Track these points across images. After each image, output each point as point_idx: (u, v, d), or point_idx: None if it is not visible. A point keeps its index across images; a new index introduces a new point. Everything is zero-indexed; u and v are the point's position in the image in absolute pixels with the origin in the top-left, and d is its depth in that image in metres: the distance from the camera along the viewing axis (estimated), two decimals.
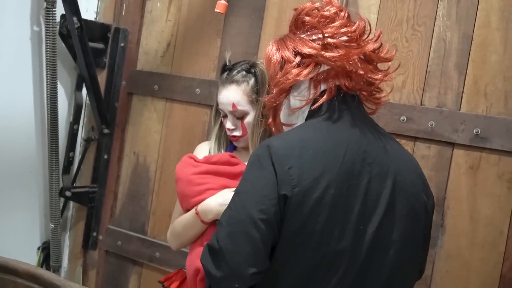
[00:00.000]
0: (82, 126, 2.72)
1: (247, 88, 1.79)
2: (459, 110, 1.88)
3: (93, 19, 2.69)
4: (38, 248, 2.67)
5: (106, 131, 2.57)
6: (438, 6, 1.93)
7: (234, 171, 1.77)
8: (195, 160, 1.81)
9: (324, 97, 1.39)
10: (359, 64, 1.38)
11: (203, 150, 1.92)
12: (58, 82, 2.52)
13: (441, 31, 1.92)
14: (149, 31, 2.61)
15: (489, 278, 1.80)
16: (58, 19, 2.46)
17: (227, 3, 1.91)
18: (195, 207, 1.72)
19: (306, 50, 1.38)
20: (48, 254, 2.65)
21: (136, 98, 2.65)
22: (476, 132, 1.83)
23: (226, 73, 1.84)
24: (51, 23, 2.41)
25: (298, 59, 1.39)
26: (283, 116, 1.49)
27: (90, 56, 2.50)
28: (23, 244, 2.64)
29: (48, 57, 2.44)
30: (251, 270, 1.26)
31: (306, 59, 1.39)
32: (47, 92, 2.47)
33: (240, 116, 1.79)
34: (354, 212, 1.30)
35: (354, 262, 1.31)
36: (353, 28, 1.41)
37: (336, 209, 1.28)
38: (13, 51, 2.47)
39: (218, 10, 1.86)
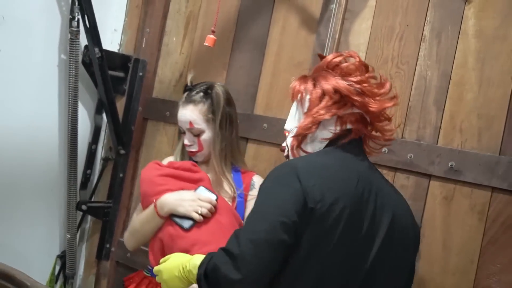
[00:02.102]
0: (102, 147, 2.78)
1: (203, 108, 1.83)
2: (436, 144, 1.88)
3: (116, 50, 2.76)
4: (57, 256, 2.71)
5: (122, 151, 2.63)
6: (420, 46, 1.95)
7: (194, 177, 1.81)
8: (159, 165, 1.85)
9: (352, 135, 1.50)
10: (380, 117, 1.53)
11: (166, 161, 1.96)
12: (80, 105, 2.58)
13: (422, 70, 1.94)
14: (164, 62, 2.67)
15: None
16: (82, 49, 2.53)
17: (215, 38, 1.95)
18: (154, 201, 1.75)
19: (346, 91, 1.46)
20: (64, 263, 2.69)
21: (150, 123, 2.70)
22: (450, 165, 1.83)
23: (186, 93, 1.88)
24: (74, 52, 2.48)
25: (337, 96, 1.48)
26: (305, 143, 1.54)
27: (109, 83, 2.55)
28: (43, 252, 2.68)
29: (71, 83, 2.51)
30: (267, 276, 1.30)
31: (343, 98, 1.48)
32: (69, 114, 2.53)
33: (196, 134, 1.83)
34: (361, 233, 1.38)
35: (357, 278, 1.38)
36: (385, 87, 1.54)
37: (349, 228, 1.35)
38: (40, 76, 2.54)
39: (207, 44, 1.90)
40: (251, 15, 2.39)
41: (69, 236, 2.65)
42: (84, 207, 2.65)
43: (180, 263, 1.43)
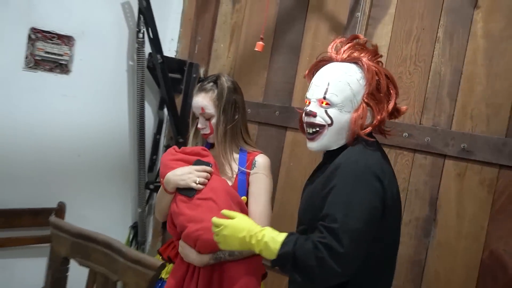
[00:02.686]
0: (164, 136, 2.83)
1: (212, 95, 1.76)
2: (450, 129, 1.87)
3: (174, 56, 2.79)
4: (130, 227, 2.77)
5: (180, 140, 2.65)
6: (435, 47, 1.94)
7: (202, 160, 1.74)
8: (175, 150, 1.79)
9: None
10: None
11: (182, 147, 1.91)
12: (146, 103, 2.63)
13: (437, 66, 1.93)
14: (214, 65, 2.68)
15: (471, 263, 1.79)
16: (146, 56, 2.58)
17: (263, 44, 1.95)
18: (162, 181, 1.72)
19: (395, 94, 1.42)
20: (136, 232, 2.75)
21: None
22: (463, 147, 1.83)
23: (199, 83, 1.83)
24: (141, 59, 2.53)
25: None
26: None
27: (170, 83, 2.59)
28: (119, 223, 2.74)
29: (138, 84, 2.56)
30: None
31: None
32: (137, 110, 2.59)
33: (208, 118, 1.76)
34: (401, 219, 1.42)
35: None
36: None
37: (399, 213, 1.41)
38: (113, 79, 2.59)
39: (257, 49, 1.89)
40: (287, 24, 2.39)
41: (139, 210, 2.72)
42: (151, 186, 2.70)
43: (248, 228, 1.33)
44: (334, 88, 1.34)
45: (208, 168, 1.68)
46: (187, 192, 1.66)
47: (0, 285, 2.33)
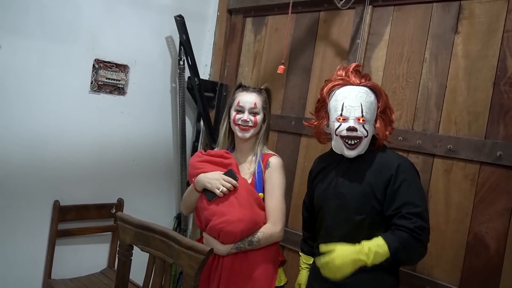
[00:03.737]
0: (201, 143, 2.82)
1: (262, 98, 1.73)
2: (438, 133, 1.85)
3: (208, 79, 2.80)
4: (174, 217, 2.77)
5: (214, 146, 2.65)
6: (423, 66, 1.91)
7: (224, 162, 1.67)
8: (201, 153, 1.74)
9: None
10: None
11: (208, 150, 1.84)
12: (186, 117, 2.65)
13: (425, 82, 1.90)
14: None
15: (458, 244, 1.76)
16: (186, 79, 2.58)
17: (285, 67, 1.95)
18: (193, 179, 1.66)
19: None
20: (179, 222, 2.74)
21: None
22: (449, 147, 1.80)
23: (244, 87, 1.77)
24: (182, 82, 2.55)
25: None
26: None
27: (205, 101, 2.60)
28: (166, 214, 2.75)
29: (180, 102, 2.57)
30: None
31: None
32: (179, 123, 2.60)
33: (255, 113, 1.70)
34: None
35: None
36: None
37: None
38: (160, 99, 2.60)
39: (279, 72, 1.89)
40: (300, 50, 2.39)
41: None
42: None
43: (351, 251, 1.31)
44: (366, 108, 1.43)
45: (234, 181, 1.58)
46: (209, 194, 1.59)
47: (72, 266, 2.36)
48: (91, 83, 2.30)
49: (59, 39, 2.15)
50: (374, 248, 1.30)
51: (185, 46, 2.50)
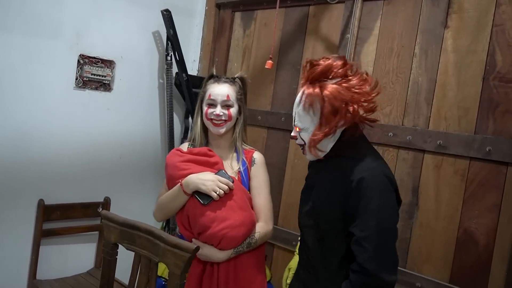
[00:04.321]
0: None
1: (235, 88, 1.64)
2: (428, 128, 1.85)
3: (195, 74, 2.78)
4: None
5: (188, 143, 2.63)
6: (413, 61, 1.92)
7: (210, 161, 1.56)
8: (181, 151, 1.60)
9: (358, 127, 1.32)
10: None
11: (183, 147, 1.71)
12: (174, 114, 2.63)
13: (415, 77, 1.91)
14: None
15: (448, 240, 1.77)
16: (174, 75, 2.57)
17: (272, 62, 1.92)
18: (180, 181, 1.49)
19: (353, 101, 1.28)
20: (168, 220, 2.63)
21: None
22: (439, 143, 1.81)
23: (215, 78, 1.66)
24: (169, 78, 2.53)
25: (348, 108, 1.27)
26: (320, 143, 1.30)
27: (193, 97, 2.56)
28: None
29: (168, 98, 2.55)
30: None
31: (352, 107, 1.27)
32: (167, 119, 2.58)
33: (228, 106, 1.60)
34: None
35: None
36: (370, 82, 1.32)
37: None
38: (147, 95, 2.58)
39: (267, 67, 1.87)
40: (290, 45, 2.38)
41: None
42: None
43: None
44: (297, 116, 1.31)
45: (231, 184, 1.48)
46: (202, 197, 1.46)
47: (57, 266, 2.34)
48: (76, 79, 2.28)
49: (42, 34, 2.13)
50: None
51: (173, 41, 2.48)
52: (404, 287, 1.83)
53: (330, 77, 1.27)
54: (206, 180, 1.46)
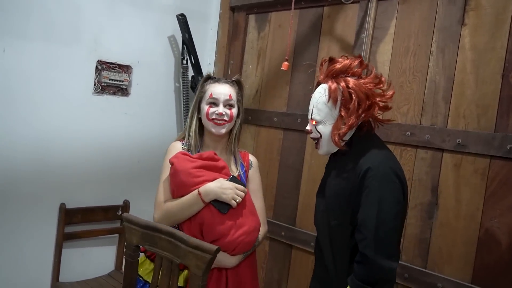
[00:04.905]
0: None
1: (235, 89, 1.66)
2: (446, 127, 1.85)
3: None
4: None
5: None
6: (430, 59, 1.92)
7: (218, 165, 1.55)
8: (190, 157, 1.55)
9: (371, 124, 1.46)
10: None
11: (177, 147, 1.68)
12: None
13: (432, 76, 1.91)
14: (245, 82, 2.58)
15: (469, 240, 1.77)
16: (190, 78, 2.61)
17: (289, 64, 1.94)
18: (197, 190, 1.47)
19: (373, 96, 1.40)
20: None
21: None
22: (458, 142, 1.81)
23: (214, 79, 1.67)
24: (185, 81, 2.57)
25: (368, 102, 1.39)
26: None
27: None
28: None
29: (184, 102, 2.60)
30: None
31: (371, 102, 1.40)
32: (184, 122, 2.58)
33: (230, 105, 1.61)
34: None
35: None
36: (383, 82, 1.45)
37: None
38: (164, 99, 2.63)
39: (283, 68, 1.89)
40: (304, 46, 2.40)
41: None
42: None
43: None
44: (316, 109, 1.39)
45: (246, 190, 1.53)
46: (221, 206, 1.47)
47: (79, 268, 2.40)
48: (94, 84, 2.34)
49: (61, 41, 2.20)
50: None
51: (188, 45, 2.53)
52: (425, 287, 1.83)
53: (349, 74, 1.39)
54: (225, 189, 1.47)
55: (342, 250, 1.36)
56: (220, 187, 1.47)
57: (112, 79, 2.39)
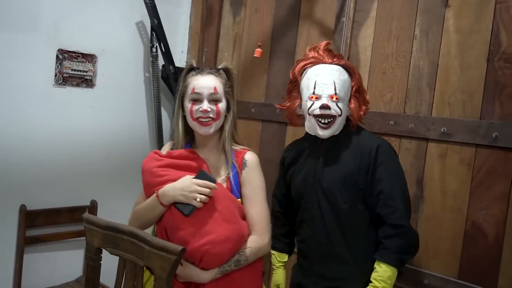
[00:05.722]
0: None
1: (222, 80, 1.49)
2: (431, 115, 1.85)
3: (183, 66, 2.74)
4: None
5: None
6: (413, 43, 1.92)
7: (193, 165, 1.43)
8: (159, 155, 1.47)
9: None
10: None
11: (166, 148, 1.57)
12: (162, 109, 2.64)
13: (416, 61, 1.91)
14: None
15: (456, 233, 1.77)
16: (160, 67, 2.58)
17: (262, 51, 1.93)
18: (156, 191, 1.39)
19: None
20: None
21: None
22: (443, 130, 1.81)
23: (197, 70, 1.51)
24: (155, 71, 2.54)
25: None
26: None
27: None
28: None
29: (155, 93, 2.56)
30: None
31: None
32: (155, 116, 2.59)
33: (216, 100, 1.45)
34: None
35: None
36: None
37: None
38: (132, 90, 2.59)
39: (256, 55, 1.87)
40: (282, 31, 2.38)
41: None
42: None
43: None
44: (339, 86, 1.48)
45: (212, 184, 1.36)
46: (183, 207, 1.36)
47: (44, 275, 2.35)
48: (55, 75, 2.28)
49: (17, 28, 2.13)
50: (384, 277, 1.40)
51: (158, 31, 2.49)
52: (411, 285, 1.83)
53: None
54: (183, 189, 1.34)
55: (356, 232, 1.48)
56: (177, 187, 1.35)
57: (75, 69, 2.34)
